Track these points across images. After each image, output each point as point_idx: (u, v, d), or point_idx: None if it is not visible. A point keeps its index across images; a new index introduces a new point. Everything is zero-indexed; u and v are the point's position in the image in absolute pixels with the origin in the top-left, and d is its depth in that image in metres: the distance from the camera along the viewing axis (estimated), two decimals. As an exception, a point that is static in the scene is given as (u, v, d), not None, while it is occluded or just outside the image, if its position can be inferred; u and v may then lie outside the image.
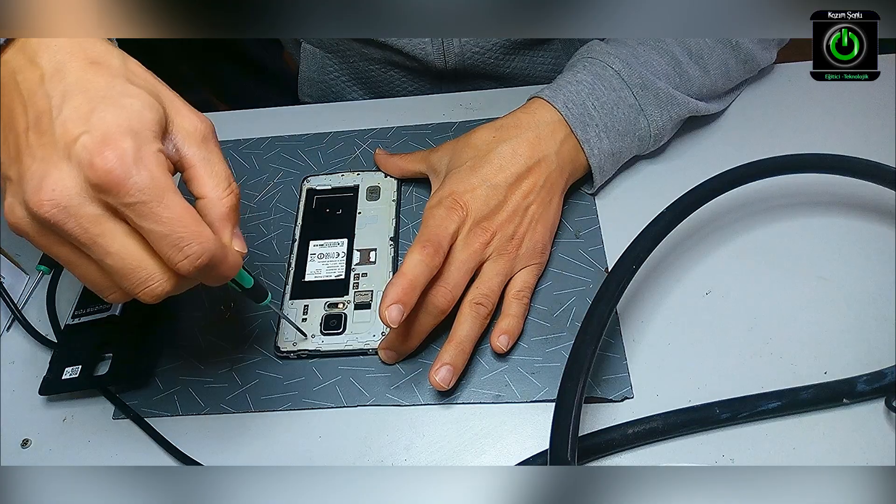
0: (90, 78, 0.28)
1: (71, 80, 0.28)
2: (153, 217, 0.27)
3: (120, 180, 0.26)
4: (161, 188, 0.27)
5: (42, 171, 0.27)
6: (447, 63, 0.58)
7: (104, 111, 0.27)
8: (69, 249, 0.29)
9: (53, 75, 0.28)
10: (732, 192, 0.41)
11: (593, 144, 0.44)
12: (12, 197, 0.28)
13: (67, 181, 0.26)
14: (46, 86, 0.28)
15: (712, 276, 0.43)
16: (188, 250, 0.27)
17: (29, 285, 0.48)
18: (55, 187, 0.26)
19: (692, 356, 0.40)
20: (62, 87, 0.28)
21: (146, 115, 0.28)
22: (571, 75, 0.46)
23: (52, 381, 0.41)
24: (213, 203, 0.30)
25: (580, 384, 0.33)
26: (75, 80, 0.28)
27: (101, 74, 0.28)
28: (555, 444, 0.32)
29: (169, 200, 0.27)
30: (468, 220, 0.41)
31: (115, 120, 0.27)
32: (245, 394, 0.40)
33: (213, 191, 0.30)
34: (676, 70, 0.46)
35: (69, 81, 0.28)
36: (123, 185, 0.26)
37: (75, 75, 0.28)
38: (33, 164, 0.27)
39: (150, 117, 0.28)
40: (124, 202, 0.26)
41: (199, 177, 0.30)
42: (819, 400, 0.36)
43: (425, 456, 0.38)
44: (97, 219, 0.27)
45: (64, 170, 0.26)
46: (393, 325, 0.36)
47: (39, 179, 0.26)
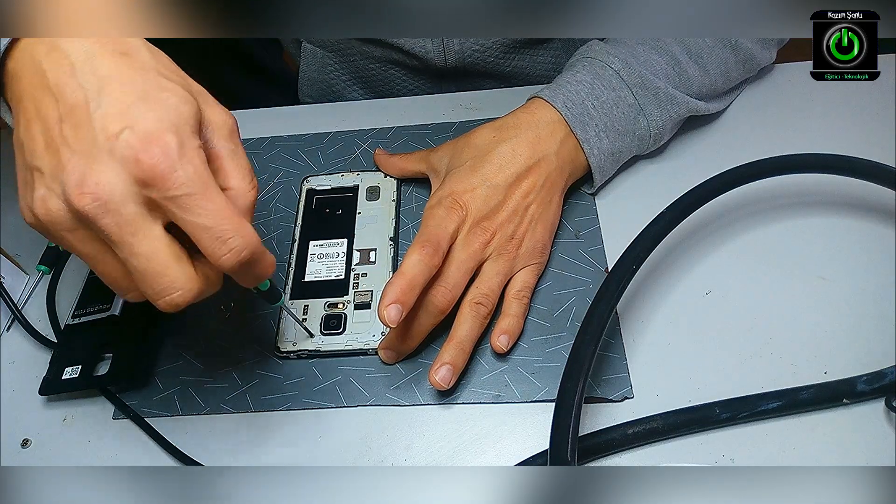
0: (124, 71, 0.28)
1: (104, 73, 0.28)
2: (198, 210, 0.27)
3: (166, 174, 0.26)
4: (205, 181, 0.27)
5: (84, 165, 0.26)
6: (447, 61, 0.58)
7: (144, 107, 0.27)
8: (97, 246, 0.29)
9: (84, 66, 0.28)
10: (732, 192, 0.41)
11: (593, 144, 0.44)
12: (46, 189, 0.28)
13: (111, 176, 0.26)
14: (79, 77, 0.27)
15: (712, 276, 0.43)
16: (232, 243, 0.28)
17: (29, 285, 0.48)
18: (98, 181, 0.26)
19: (692, 356, 0.40)
20: (96, 79, 0.27)
21: (183, 109, 0.28)
22: (571, 75, 0.46)
23: (52, 381, 0.41)
24: (239, 195, 0.30)
25: (580, 384, 0.33)
26: (108, 73, 0.28)
27: (133, 67, 0.28)
28: (555, 444, 0.32)
29: (212, 193, 0.27)
30: (468, 220, 0.41)
31: (156, 115, 0.27)
32: (245, 394, 0.40)
33: (239, 182, 0.30)
34: (676, 70, 0.46)
35: (102, 73, 0.28)
36: (169, 179, 0.26)
37: (108, 67, 0.28)
38: (73, 158, 0.27)
39: (187, 112, 0.28)
40: (169, 196, 0.27)
41: (226, 168, 0.30)
42: (819, 400, 0.36)
43: (425, 456, 0.38)
44: (134, 218, 0.27)
45: (107, 165, 0.26)
46: (391, 324, 0.36)
47: (81, 173, 0.26)
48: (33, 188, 0.28)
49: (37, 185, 0.28)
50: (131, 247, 0.27)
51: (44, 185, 0.28)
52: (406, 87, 0.63)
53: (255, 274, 0.31)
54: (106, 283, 0.30)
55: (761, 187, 0.43)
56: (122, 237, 0.27)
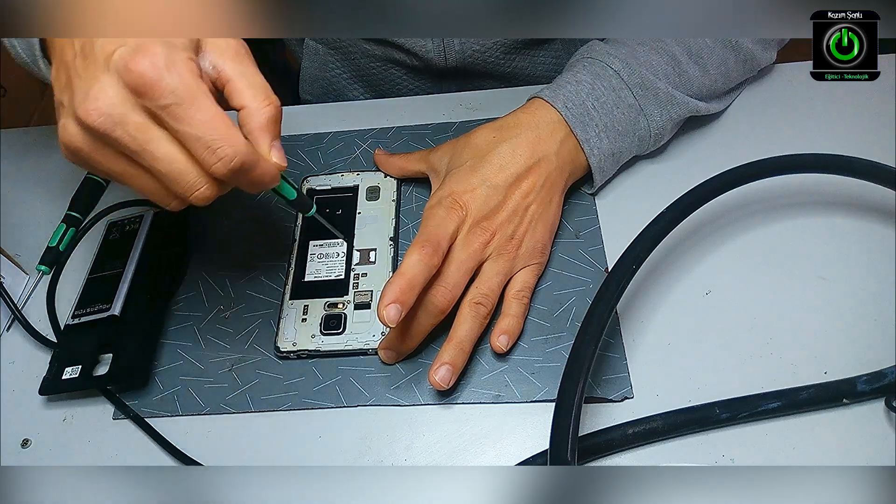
0: None
1: None
2: (186, 119, 0.28)
3: (153, 82, 0.28)
4: (192, 91, 0.28)
5: (87, 85, 0.29)
6: (448, 61, 0.58)
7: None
8: (123, 162, 0.30)
9: None
10: (732, 192, 0.41)
11: (593, 144, 0.44)
12: (65, 117, 0.30)
13: (109, 90, 0.28)
14: None
15: (712, 276, 0.43)
16: (221, 153, 0.29)
17: (29, 285, 0.48)
18: (99, 96, 0.28)
19: (692, 356, 0.40)
20: None
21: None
22: (571, 75, 0.46)
23: (52, 381, 0.41)
24: (252, 112, 0.31)
25: (580, 384, 0.33)
26: None
27: None
28: (555, 444, 0.32)
29: (201, 103, 0.28)
30: (468, 220, 0.41)
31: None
32: (245, 394, 0.40)
33: (251, 101, 0.31)
34: (676, 70, 0.46)
35: None
36: (157, 87, 0.28)
37: None
38: (80, 83, 0.29)
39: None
40: (159, 104, 0.28)
41: (237, 89, 0.31)
42: (819, 400, 0.36)
43: (425, 456, 0.38)
44: (142, 126, 0.29)
45: (105, 80, 0.28)
46: (391, 324, 0.36)
47: (85, 92, 0.28)
48: (57, 121, 0.31)
49: (60, 117, 0.30)
50: (150, 153, 0.29)
51: (64, 114, 0.30)
52: (407, 86, 0.63)
53: (253, 181, 0.31)
54: (146, 196, 0.32)
55: (761, 187, 0.43)
56: (138, 145, 0.29)
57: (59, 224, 0.50)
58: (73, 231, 0.50)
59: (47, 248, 0.49)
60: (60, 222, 0.50)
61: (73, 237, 0.50)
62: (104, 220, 0.51)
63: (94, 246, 0.48)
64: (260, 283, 0.45)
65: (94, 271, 0.46)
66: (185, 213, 0.49)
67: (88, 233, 0.50)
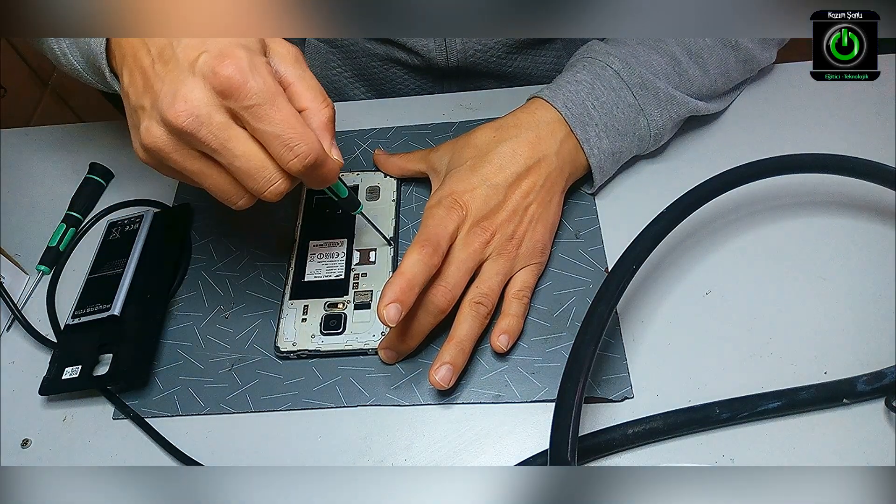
0: None
1: None
2: (268, 118, 0.31)
3: (240, 85, 0.30)
4: (273, 92, 0.31)
5: (173, 89, 0.30)
6: (449, 60, 0.58)
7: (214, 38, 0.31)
8: (201, 161, 0.32)
9: None
10: (732, 192, 0.41)
11: (593, 144, 0.44)
12: (148, 120, 0.32)
13: (196, 92, 0.30)
14: None
15: (712, 276, 0.43)
16: (297, 150, 0.31)
17: (29, 285, 0.48)
18: (187, 98, 0.30)
19: (692, 356, 0.40)
20: None
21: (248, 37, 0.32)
22: (571, 75, 0.46)
23: (52, 381, 0.41)
24: (313, 113, 0.34)
25: (580, 384, 0.33)
26: None
27: None
28: (555, 444, 0.32)
29: (280, 104, 0.31)
30: (468, 220, 0.41)
31: (226, 41, 0.31)
32: (245, 394, 0.40)
33: (311, 102, 0.34)
34: (676, 70, 0.46)
35: None
36: (243, 89, 0.30)
37: None
38: (164, 87, 0.31)
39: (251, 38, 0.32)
40: (244, 105, 0.30)
41: (298, 92, 0.34)
42: (819, 400, 0.36)
43: (425, 456, 0.38)
44: (225, 125, 0.31)
45: (191, 83, 0.30)
46: (391, 323, 0.36)
47: (172, 95, 0.30)
48: (139, 125, 0.32)
49: (142, 121, 0.32)
50: (231, 150, 0.31)
51: (146, 117, 0.32)
52: (408, 85, 0.63)
53: (320, 177, 0.34)
54: (217, 195, 0.34)
55: (761, 187, 0.43)
56: (220, 144, 0.31)
57: (59, 224, 0.50)
58: (73, 231, 0.50)
59: (47, 248, 0.49)
60: (60, 222, 0.50)
61: (73, 237, 0.50)
62: (104, 220, 0.51)
63: (94, 246, 0.48)
64: (260, 283, 0.45)
65: (94, 271, 0.46)
66: (185, 214, 0.49)
67: (88, 233, 0.51)
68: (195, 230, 0.49)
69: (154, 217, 0.49)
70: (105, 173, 0.53)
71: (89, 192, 0.52)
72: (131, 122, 0.34)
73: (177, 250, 0.47)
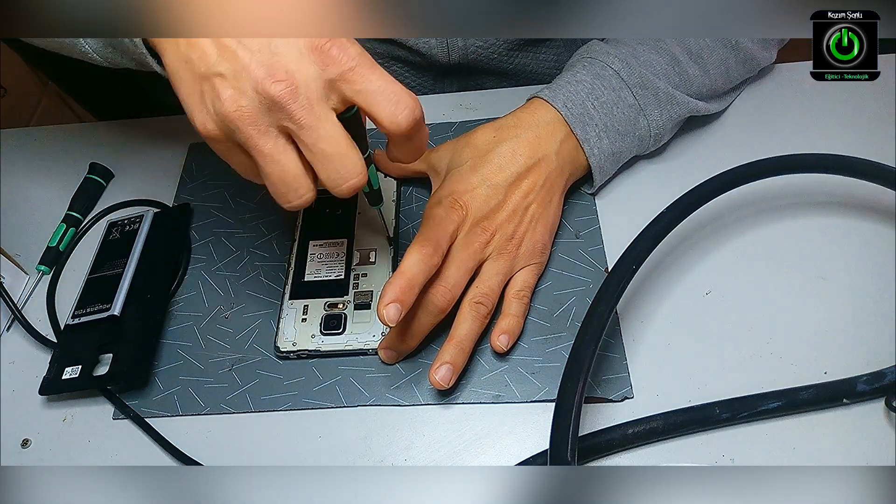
0: None
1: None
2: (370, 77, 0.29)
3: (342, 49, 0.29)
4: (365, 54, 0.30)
5: (269, 57, 0.29)
6: (451, 58, 0.58)
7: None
8: (280, 142, 0.30)
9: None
10: (732, 192, 0.41)
11: (593, 144, 0.44)
12: (233, 89, 0.29)
13: (298, 63, 0.29)
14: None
15: (712, 276, 0.43)
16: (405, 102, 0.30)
17: (29, 285, 0.48)
18: (287, 68, 0.29)
19: (692, 356, 0.40)
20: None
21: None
22: (571, 75, 0.46)
23: (52, 381, 0.41)
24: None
25: (580, 384, 0.33)
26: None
27: None
28: (555, 444, 0.32)
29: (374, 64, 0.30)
30: (468, 220, 0.41)
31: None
32: (245, 394, 0.40)
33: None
34: (676, 70, 0.46)
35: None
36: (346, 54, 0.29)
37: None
38: (254, 55, 0.29)
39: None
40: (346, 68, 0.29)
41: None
42: (819, 400, 0.36)
43: (425, 456, 0.38)
44: (319, 101, 0.29)
45: (290, 53, 0.29)
46: (391, 323, 0.36)
47: (269, 64, 0.29)
48: (217, 94, 0.29)
49: (222, 89, 0.29)
50: (318, 130, 0.29)
51: (229, 86, 0.29)
52: (409, 83, 0.63)
53: (418, 142, 0.32)
54: (278, 184, 0.31)
55: (761, 187, 0.43)
56: (310, 121, 0.29)
57: (59, 224, 0.50)
58: (73, 231, 0.50)
59: (47, 248, 0.49)
60: (60, 222, 0.50)
61: (73, 237, 0.50)
62: (104, 220, 0.51)
63: (94, 246, 0.48)
64: (260, 283, 0.45)
65: (94, 271, 0.46)
66: (185, 214, 0.49)
67: (88, 233, 0.51)
68: (195, 230, 0.49)
69: (154, 217, 0.49)
70: (105, 173, 0.53)
71: (89, 192, 0.52)
72: (195, 92, 0.31)
73: (177, 250, 0.47)
